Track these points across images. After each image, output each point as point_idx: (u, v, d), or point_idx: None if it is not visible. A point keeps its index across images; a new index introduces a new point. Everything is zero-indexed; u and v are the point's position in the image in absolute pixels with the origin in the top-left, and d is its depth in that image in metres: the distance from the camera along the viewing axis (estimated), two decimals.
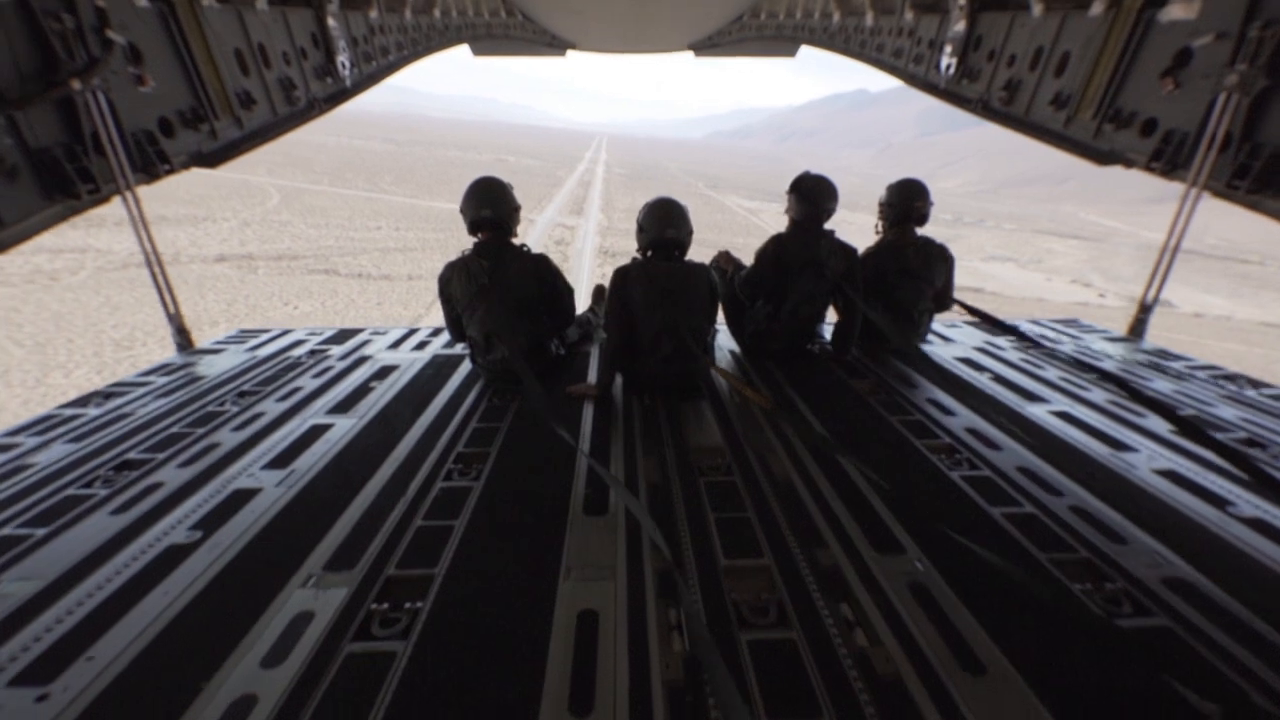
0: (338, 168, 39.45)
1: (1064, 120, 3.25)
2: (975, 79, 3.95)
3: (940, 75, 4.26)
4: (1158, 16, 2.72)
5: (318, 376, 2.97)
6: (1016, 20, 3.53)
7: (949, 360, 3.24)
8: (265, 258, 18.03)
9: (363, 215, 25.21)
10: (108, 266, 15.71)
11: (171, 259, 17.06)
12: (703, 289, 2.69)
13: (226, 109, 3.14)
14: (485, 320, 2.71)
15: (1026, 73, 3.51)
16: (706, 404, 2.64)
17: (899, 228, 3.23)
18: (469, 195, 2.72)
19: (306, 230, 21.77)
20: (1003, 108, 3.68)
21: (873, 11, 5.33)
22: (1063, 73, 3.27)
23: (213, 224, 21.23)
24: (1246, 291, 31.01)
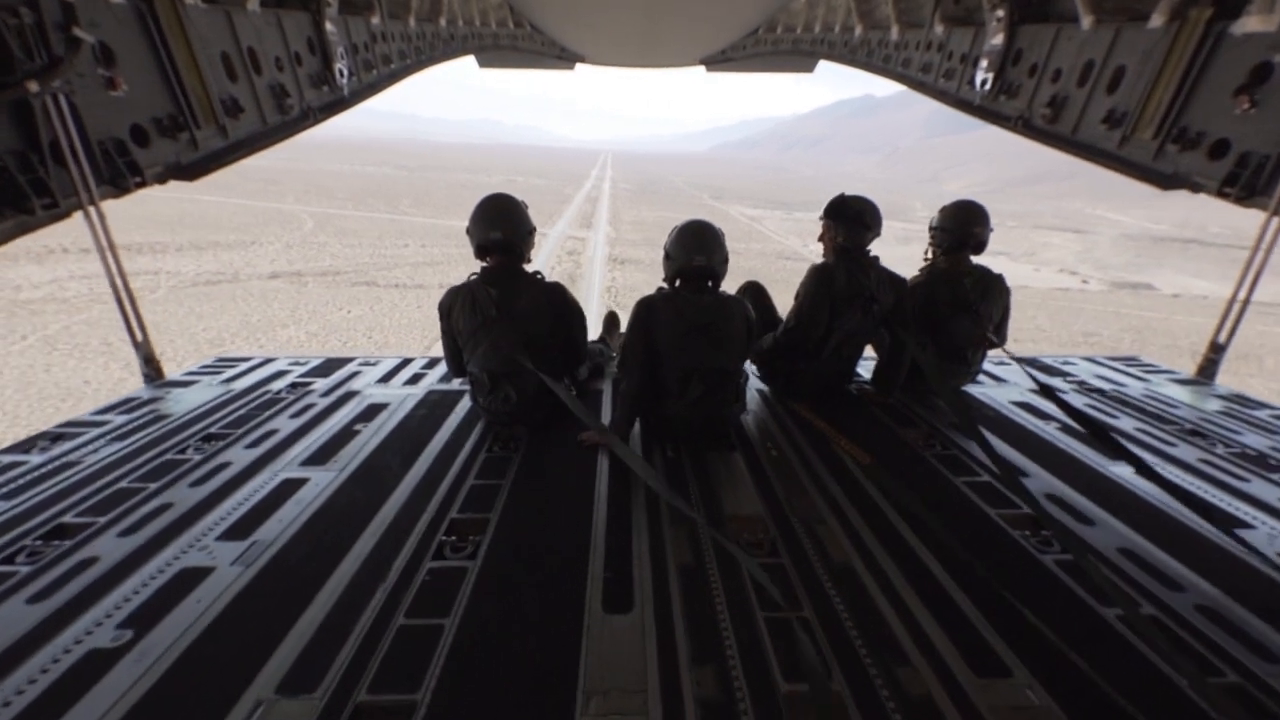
0: (358, 194, 42.09)
1: (1118, 140, 2.92)
2: (1014, 95, 3.61)
3: (975, 91, 3.93)
4: (1230, 29, 2.44)
5: (296, 416, 2.61)
6: (1062, 33, 3.22)
7: (1005, 405, 2.86)
8: (312, 274, 20.22)
9: (390, 235, 27.47)
10: (180, 285, 17.93)
11: (231, 278, 19.32)
12: (738, 325, 2.35)
13: (210, 117, 2.81)
14: (489, 356, 2.35)
15: (1074, 89, 3.19)
16: (739, 456, 2.30)
17: (953, 255, 2.87)
18: (478, 214, 2.38)
19: (343, 250, 24.01)
20: (1046, 126, 3.35)
21: (899, 25, 4.93)
22: (1116, 89, 2.95)
23: (259, 247, 23.54)
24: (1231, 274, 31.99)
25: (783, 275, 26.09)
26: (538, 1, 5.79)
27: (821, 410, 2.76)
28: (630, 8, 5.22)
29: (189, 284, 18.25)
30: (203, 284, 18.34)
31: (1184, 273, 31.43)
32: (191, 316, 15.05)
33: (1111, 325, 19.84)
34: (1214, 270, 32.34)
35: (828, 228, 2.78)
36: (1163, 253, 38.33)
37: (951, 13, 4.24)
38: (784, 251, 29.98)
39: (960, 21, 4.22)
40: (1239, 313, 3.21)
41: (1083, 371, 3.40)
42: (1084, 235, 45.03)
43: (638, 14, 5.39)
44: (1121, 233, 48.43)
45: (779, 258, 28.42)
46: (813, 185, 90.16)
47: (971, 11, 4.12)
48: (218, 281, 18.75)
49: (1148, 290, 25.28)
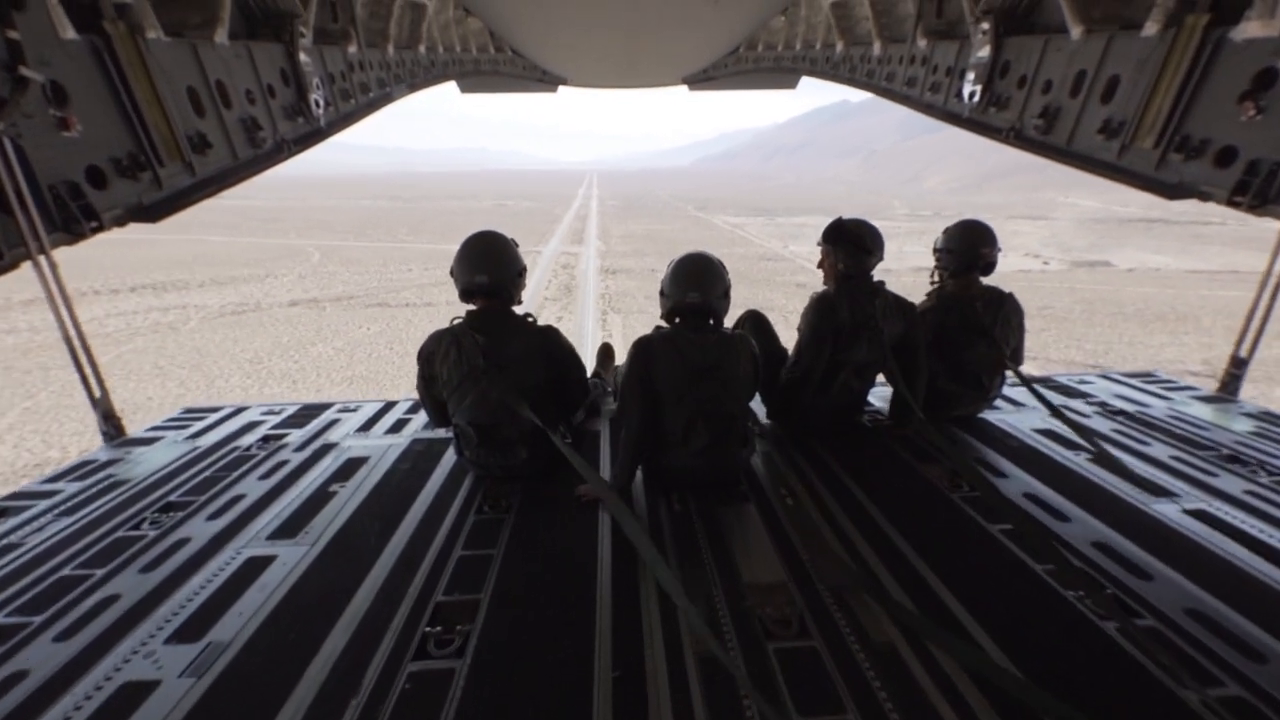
0: (357, 226, 43.84)
1: (1117, 150, 2.82)
2: (1005, 107, 3.53)
3: (963, 104, 3.84)
4: (1230, 35, 2.37)
5: (266, 477, 2.40)
6: (1051, 44, 3.14)
7: (1027, 433, 2.71)
8: (328, 300, 21.85)
9: (394, 262, 29.17)
10: (209, 316, 19.53)
11: (254, 307, 20.91)
12: (744, 366, 2.17)
13: (175, 154, 2.67)
14: (477, 408, 2.16)
15: (1066, 99, 3.09)
16: (753, 509, 2.09)
17: (962, 278, 2.75)
18: (462, 256, 2.18)
19: (352, 277, 25.66)
20: (1040, 137, 3.27)
21: (880, 40, 4.84)
22: (1111, 98, 2.86)
23: (274, 279, 25.18)
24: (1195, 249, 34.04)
25: (764, 275, 27.85)
26: (519, 27, 5.73)
27: (834, 444, 2.56)
28: (612, 30, 5.19)
29: (217, 315, 19.84)
30: (229, 314, 19.93)
31: (1144, 250, 33.37)
32: (228, 341, 16.62)
33: (1065, 299, 21.65)
34: (1174, 246, 34.31)
35: (826, 254, 2.58)
36: (1127, 233, 40.37)
37: (934, 27, 4.14)
38: (765, 254, 31.83)
39: (943, 35, 4.13)
40: (1260, 325, 3.06)
41: (1101, 391, 3.21)
42: (1053, 222, 47.15)
43: (619, 36, 5.39)
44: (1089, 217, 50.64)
45: (761, 259, 30.25)
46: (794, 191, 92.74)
47: (954, 25, 4.05)
48: (243, 311, 20.34)
49: (1104, 267, 27.13)
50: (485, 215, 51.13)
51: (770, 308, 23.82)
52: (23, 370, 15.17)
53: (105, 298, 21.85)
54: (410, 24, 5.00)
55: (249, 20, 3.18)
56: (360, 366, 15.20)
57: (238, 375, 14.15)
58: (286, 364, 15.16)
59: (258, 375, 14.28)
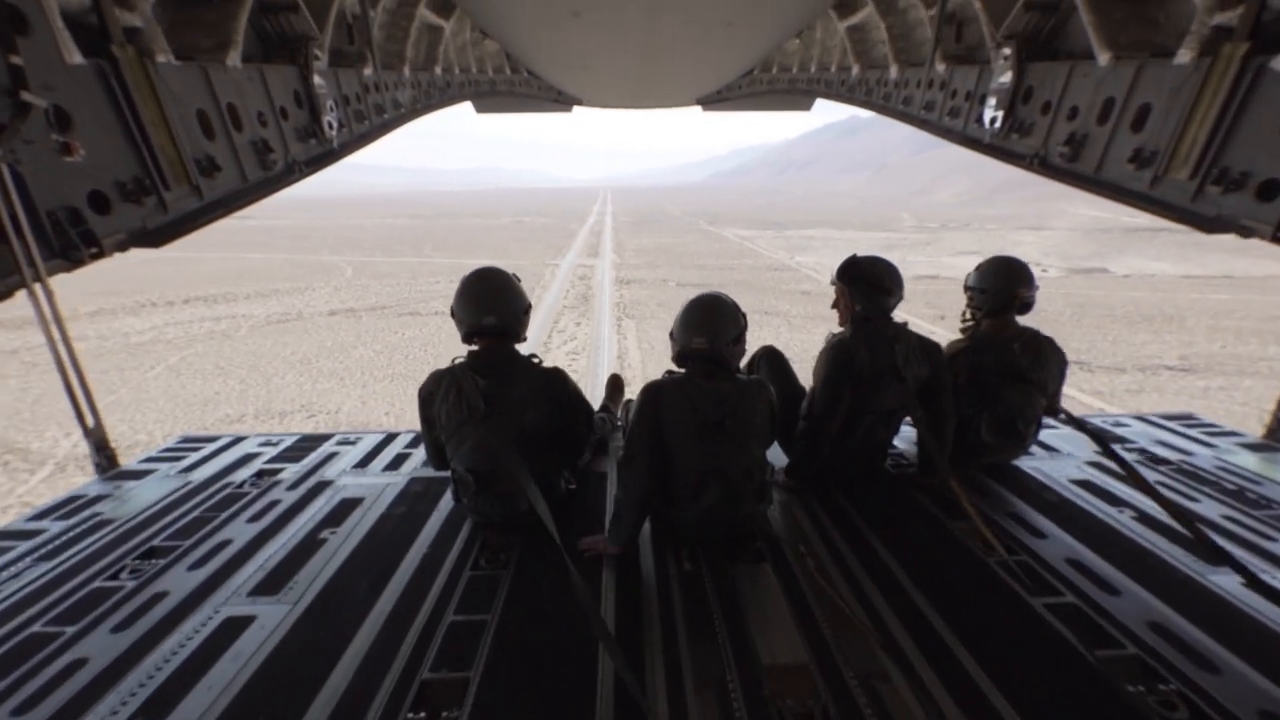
0: (384, 243, 46.04)
1: (1149, 180, 2.67)
2: (1028, 133, 3.41)
3: (984, 129, 3.74)
4: (1271, 64, 2.19)
5: (256, 519, 2.27)
6: (1077, 70, 3.03)
7: (1064, 484, 2.51)
8: (363, 309, 23.61)
9: (421, 275, 31.00)
10: (257, 325, 21.34)
11: (297, 316, 22.69)
12: (760, 416, 2.00)
13: (181, 178, 2.57)
14: (476, 455, 2.02)
15: (1094, 126, 2.97)
16: (769, 570, 1.91)
17: (997, 318, 2.57)
18: (466, 295, 2.05)
19: (383, 289, 27.47)
20: (1065, 164, 3.14)
21: (897, 64, 4.77)
22: (1143, 127, 2.71)
23: (312, 292, 27.06)
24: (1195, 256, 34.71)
25: (771, 284, 29.15)
26: (535, 49, 5.72)
27: (856, 494, 2.40)
28: (627, 53, 5.17)
29: (264, 323, 21.65)
30: (275, 323, 21.73)
31: (1144, 257, 34.15)
32: (278, 346, 18.35)
33: (1058, 303, 22.63)
34: (1174, 254, 34.99)
35: (841, 293, 2.42)
36: (1131, 242, 41.05)
37: (953, 51, 4.05)
38: (773, 265, 33.20)
39: (962, 60, 4.04)
40: None
41: (1139, 435, 3.02)
42: (1058, 232, 47.96)
43: (634, 58, 5.36)
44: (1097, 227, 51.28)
45: (768, 270, 31.61)
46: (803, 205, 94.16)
47: (973, 50, 3.94)
48: (287, 320, 22.11)
49: (1101, 274, 28.03)
50: (504, 231, 53.24)
51: (775, 313, 25.17)
52: (100, 370, 16.94)
53: (162, 309, 23.82)
54: (427, 46, 4.96)
55: (265, 43, 3.15)
56: (399, 366, 16.73)
57: (291, 374, 15.80)
58: (333, 364, 16.77)
59: (309, 373, 15.91)
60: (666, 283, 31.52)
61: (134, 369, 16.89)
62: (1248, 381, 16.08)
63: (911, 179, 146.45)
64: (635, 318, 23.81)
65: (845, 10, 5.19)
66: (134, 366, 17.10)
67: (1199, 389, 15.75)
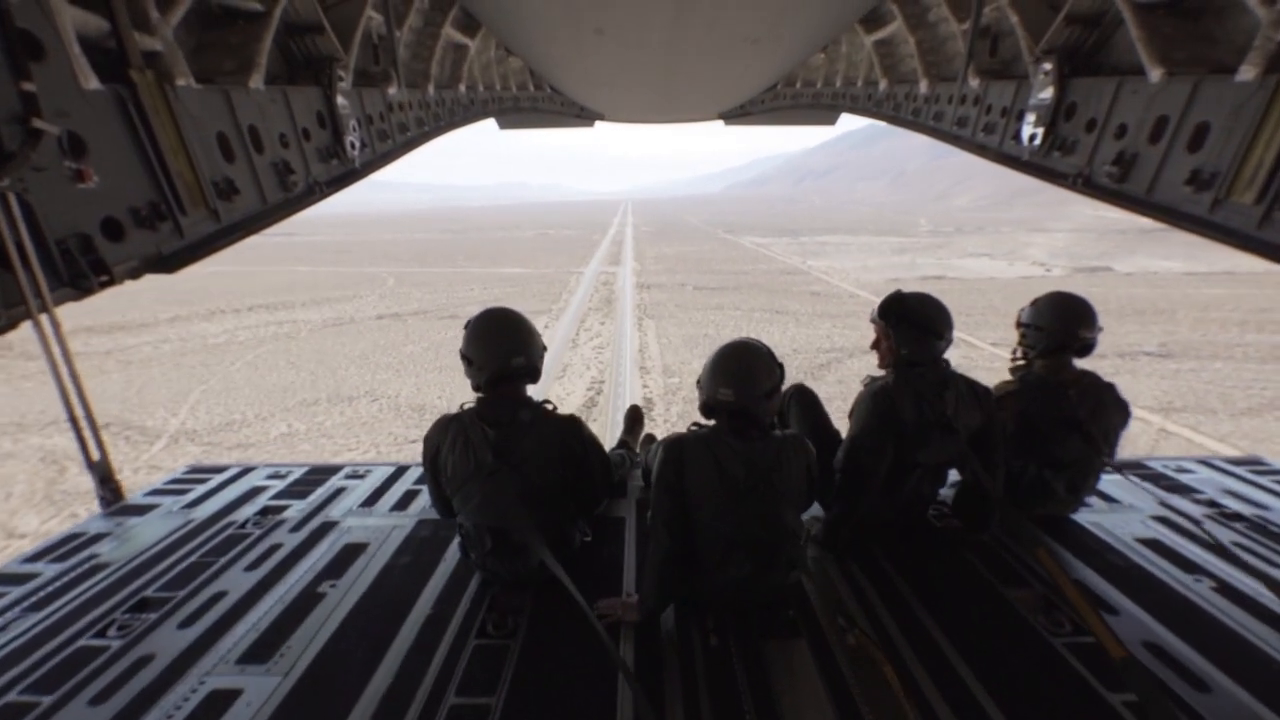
0: (419, 256, 48.87)
1: (1209, 203, 2.39)
2: (1070, 151, 3.14)
3: (1022, 147, 3.48)
4: None
5: (254, 567, 2.15)
6: (1125, 86, 2.76)
7: (1129, 544, 2.21)
8: (407, 314, 25.95)
9: (458, 284, 33.40)
10: (315, 328, 23.77)
11: (349, 320, 25.10)
12: (796, 478, 1.76)
13: (199, 202, 2.44)
14: (484, 511, 1.87)
15: (1144, 145, 2.70)
16: (806, 647, 1.71)
17: (1052, 359, 2.27)
18: (485, 336, 1.89)
19: (424, 296, 29.86)
20: (1113, 185, 2.85)
21: (928, 79, 4.60)
22: (1201, 147, 2.46)
23: (360, 299, 29.58)
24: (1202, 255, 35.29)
25: (783, 286, 30.79)
26: (560, 66, 5.66)
27: (897, 552, 2.13)
28: (650, 69, 5.10)
29: (321, 327, 24.10)
30: (330, 326, 24.16)
31: (1153, 256, 34.89)
32: (337, 345, 20.69)
33: None
34: (1182, 253, 35.62)
35: (883, 334, 2.11)
36: (1142, 242, 41.64)
37: (987, 66, 3.88)
38: (786, 269, 34.88)
39: (998, 75, 3.87)
40: None
41: (1206, 485, 2.76)
42: (1071, 234, 48.62)
43: (657, 75, 5.27)
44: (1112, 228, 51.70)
45: (782, 273, 33.30)
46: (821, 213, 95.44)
47: (1008, 64, 3.78)
48: (340, 324, 24.52)
49: (1105, 272, 29.03)
50: (530, 243, 55.86)
51: (785, 312, 26.86)
52: (189, 367, 19.45)
53: (230, 315, 26.54)
54: (452, 64, 4.89)
55: (290, 64, 3.08)
56: (445, 360, 18.82)
57: (353, 367, 18.05)
58: (387, 359, 18.97)
59: (368, 366, 18.14)
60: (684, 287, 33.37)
61: (217, 364, 19.36)
62: (1218, 364, 17.27)
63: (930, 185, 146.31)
64: (655, 317, 25.78)
65: (872, 24, 5.00)
66: (217, 362, 19.58)
67: (1170, 370, 16.96)
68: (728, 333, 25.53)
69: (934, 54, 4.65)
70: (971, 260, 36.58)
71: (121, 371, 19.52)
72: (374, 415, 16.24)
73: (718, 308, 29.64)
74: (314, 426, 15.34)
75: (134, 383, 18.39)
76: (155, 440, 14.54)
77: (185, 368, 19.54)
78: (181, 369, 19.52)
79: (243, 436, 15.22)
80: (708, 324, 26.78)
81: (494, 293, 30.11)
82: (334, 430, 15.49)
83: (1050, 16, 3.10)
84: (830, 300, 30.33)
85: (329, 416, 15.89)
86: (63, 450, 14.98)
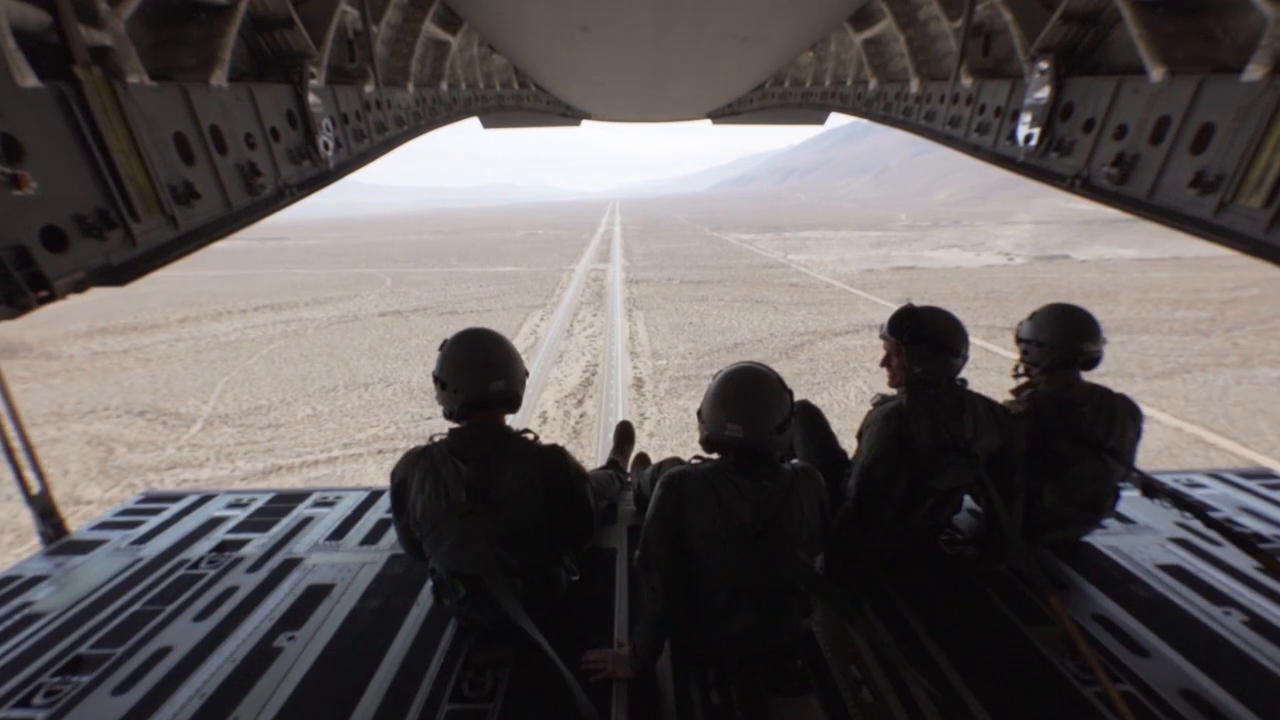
0: (414, 257, 50.11)
1: (1214, 207, 2.28)
2: (1068, 152, 2.99)
3: (1018, 147, 3.31)
4: None
5: (205, 616, 1.90)
6: (1125, 85, 2.67)
7: (1151, 571, 2.07)
8: (408, 311, 27.35)
9: (454, 282, 34.79)
10: (322, 325, 25.14)
11: (353, 318, 26.47)
12: (810, 518, 1.53)
13: (153, 207, 2.21)
14: (458, 556, 1.64)
15: (1145, 146, 2.58)
16: (816, 703, 1.54)
17: (1058, 375, 2.14)
18: (462, 359, 1.59)
19: (422, 295, 31.24)
20: (1113, 187, 2.73)
21: (919, 78, 4.36)
22: (1205, 149, 2.34)
23: (361, 298, 30.91)
24: (1158, 243, 37.55)
25: (764, 279, 32.60)
26: (545, 64, 5.60)
27: (910, 585, 1.94)
28: (637, 68, 5.06)
29: (326, 324, 25.46)
30: (336, 323, 25.53)
31: (1111, 245, 37.03)
32: (345, 339, 22.10)
33: (1012, 285, 25.84)
34: (1140, 241, 37.84)
35: (894, 351, 1.90)
36: (1106, 232, 43.91)
37: (980, 65, 3.71)
38: (767, 262, 36.66)
39: (991, 74, 3.70)
40: None
41: (1221, 500, 2.62)
42: (1040, 226, 50.86)
43: (644, 73, 5.24)
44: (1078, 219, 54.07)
45: (763, 266, 35.06)
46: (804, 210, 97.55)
47: (1002, 63, 3.64)
48: (345, 321, 25.89)
49: (1062, 260, 31.03)
50: (521, 243, 57.24)
51: (765, 301, 28.64)
52: (208, 362, 20.80)
53: (238, 316, 27.82)
54: (433, 61, 4.85)
55: (258, 61, 2.93)
56: None
57: (364, 358, 19.51)
58: (394, 351, 20.43)
59: (377, 358, 19.61)
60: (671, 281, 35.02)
61: (234, 359, 20.72)
62: (1145, 337, 19.23)
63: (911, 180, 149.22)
64: (644, 309, 27.47)
65: (862, 23, 4.93)
66: (234, 358, 20.94)
67: None
68: (712, 321, 27.11)
69: (925, 53, 4.53)
70: (942, 252, 38.55)
71: (143, 368, 20.79)
72: (390, 398, 17.72)
73: (702, 299, 31.37)
74: (336, 409, 16.76)
75: (159, 377, 19.66)
76: (191, 424, 15.91)
77: (204, 362, 20.86)
78: (201, 364, 20.83)
79: (271, 419, 16.61)
80: (693, 314, 28.50)
81: (489, 289, 31.56)
82: (355, 411, 16.94)
83: (1045, 14, 3.05)
84: (807, 290, 32.03)
85: (348, 400, 17.32)
86: (105, 435, 16.32)
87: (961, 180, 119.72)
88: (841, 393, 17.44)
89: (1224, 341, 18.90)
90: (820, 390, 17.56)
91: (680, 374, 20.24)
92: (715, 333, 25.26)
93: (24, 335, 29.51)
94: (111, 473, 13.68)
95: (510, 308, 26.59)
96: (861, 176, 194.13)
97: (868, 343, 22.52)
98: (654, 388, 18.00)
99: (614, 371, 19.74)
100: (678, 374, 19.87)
